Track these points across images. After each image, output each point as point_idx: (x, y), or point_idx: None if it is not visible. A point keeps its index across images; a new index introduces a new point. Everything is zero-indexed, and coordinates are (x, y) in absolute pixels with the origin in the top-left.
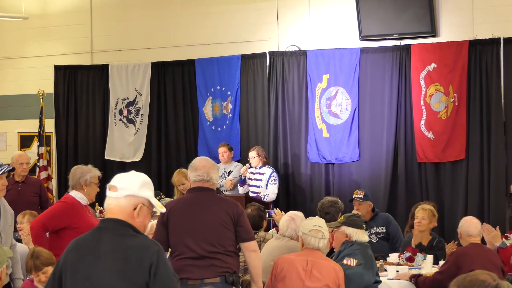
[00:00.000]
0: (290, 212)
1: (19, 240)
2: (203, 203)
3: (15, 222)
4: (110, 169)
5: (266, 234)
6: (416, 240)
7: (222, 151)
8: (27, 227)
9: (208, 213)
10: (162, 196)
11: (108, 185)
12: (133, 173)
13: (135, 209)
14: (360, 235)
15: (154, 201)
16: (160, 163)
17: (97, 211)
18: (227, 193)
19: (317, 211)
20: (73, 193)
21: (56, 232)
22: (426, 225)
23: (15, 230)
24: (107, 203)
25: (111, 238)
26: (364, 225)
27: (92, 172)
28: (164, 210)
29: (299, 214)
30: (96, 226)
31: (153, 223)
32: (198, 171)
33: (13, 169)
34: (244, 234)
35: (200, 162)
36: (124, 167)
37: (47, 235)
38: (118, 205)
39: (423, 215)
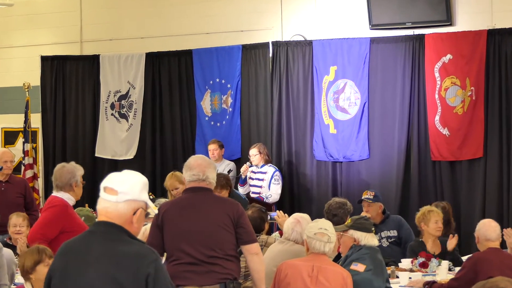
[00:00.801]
0: (296, 214)
1: (7, 245)
2: (200, 204)
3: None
4: (100, 167)
5: (268, 237)
6: (434, 246)
7: (212, 148)
8: (27, 232)
9: (206, 215)
10: (152, 197)
11: (103, 187)
12: (130, 173)
13: (134, 213)
14: (369, 239)
15: (149, 202)
16: (154, 162)
17: (94, 213)
18: None
19: (323, 213)
20: (61, 195)
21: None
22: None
23: (3, 233)
24: (103, 206)
25: (103, 243)
26: (373, 229)
27: (79, 171)
28: (156, 211)
29: (305, 216)
30: (88, 230)
31: (147, 226)
32: (193, 170)
33: (0, 168)
34: (246, 236)
35: (196, 160)
36: (116, 165)
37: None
38: (116, 209)
39: (441, 218)
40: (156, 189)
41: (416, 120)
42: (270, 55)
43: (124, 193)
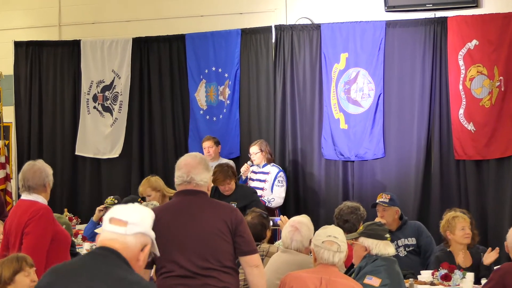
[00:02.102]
0: (292, 220)
1: None
2: (193, 209)
3: None
4: (82, 167)
5: (270, 246)
6: (465, 258)
7: (207, 146)
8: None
9: (200, 221)
10: (140, 202)
11: (108, 218)
12: (138, 206)
13: (142, 250)
14: (382, 248)
15: (155, 242)
16: (142, 161)
17: (75, 219)
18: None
19: (333, 219)
20: (35, 197)
21: None
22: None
23: None
24: (108, 238)
25: (100, 265)
26: (388, 236)
27: (51, 170)
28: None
29: (304, 220)
30: (87, 252)
31: None
32: (178, 171)
33: None
34: (245, 245)
35: (184, 159)
36: (99, 165)
37: None
38: (124, 242)
39: (468, 224)
40: None
41: (437, 114)
42: (273, 40)
43: (135, 225)
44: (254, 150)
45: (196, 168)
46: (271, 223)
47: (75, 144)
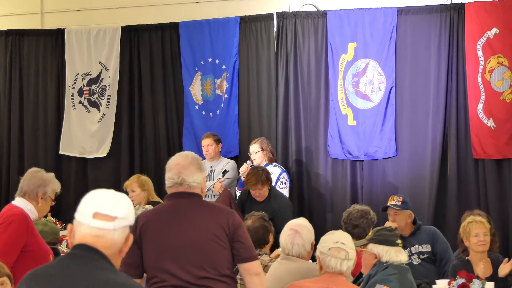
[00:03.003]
0: (291, 223)
1: None
2: (187, 212)
3: None
4: (66, 168)
5: (271, 261)
6: (484, 267)
7: (207, 144)
8: None
9: (194, 226)
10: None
11: (92, 213)
12: (114, 193)
13: (126, 241)
14: (393, 255)
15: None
16: (132, 161)
17: (59, 224)
18: None
19: (341, 223)
20: (22, 203)
21: None
22: (489, 243)
23: None
24: (93, 234)
25: (83, 268)
26: (400, 242)
27: (54, 184)
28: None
29: (303, 222)
30: (66, 253)
31: None
32: (169, 172)
33: None
34: (244, 252)
35: (175, 160)
36: (85, 165)
37: None
38: (112, 239)
39: (484, 230)
40: None
41: (454, 109)
42: (275, 29)
43: (124, 219)
44: (254, 148)
45: (187, 168)
46: (272, 228)
47: (59, 142)
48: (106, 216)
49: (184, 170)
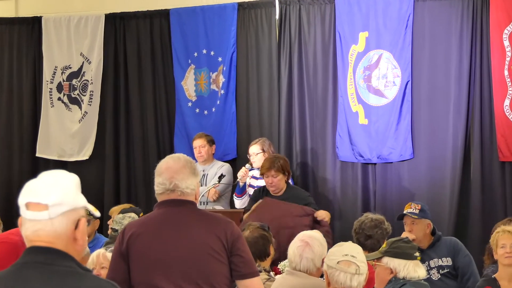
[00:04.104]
0: (302, 234)
1: None
2: (179, 223)
3: None
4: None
5: (270, 279)
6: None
7: (199, 145)
8: None
9: (188, 238)
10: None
11: (24, 203)
12: (54, 176)
13: (76, 227)
14: (411, 270)
15: (88, 205)
16: (118, 164)
17: None
18: (216, 207)
19: (352, 233)
20: None
21: None
22: None
23: None
24: (32, 229)
25: (45, 279)
26: (418, 255)
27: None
28: (98, 214)
29: (317, 235)
30: (17, 262)
31: (103, 252)
32: (159, 177)
33: None
34: (244, 267)
35: (166, 163)
36: (65, 169)
37: None
38: (53, 229)
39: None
40: (120, 201)
41: (478, 106)
42: (277, 17)
43: (58, 205)
44: (254, 150)
45: (180, 173)
46: (273, 239)
47: (36, 144)
48: (38, 205)
49: (177, 174)
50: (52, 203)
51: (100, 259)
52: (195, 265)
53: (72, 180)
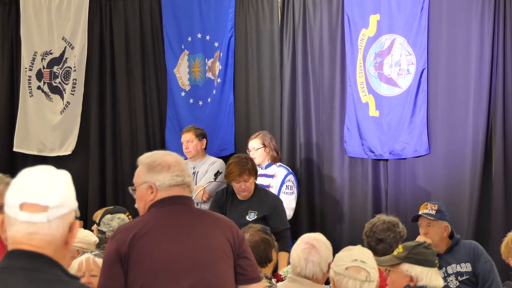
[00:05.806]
0: (306, 237)
1: None
2: (191, 222)
3: None
4: (22, 168)
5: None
6: None
7: (186, 139)
8: None
9: (202, 239)
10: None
11: (19, 204)
12: (48, 173)
13: (70, 230)
14: (433, 278)
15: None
16: (103, 160)
17: None
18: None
19: (362, 237)
20: None
21: None
22: None
23: None
24: (25, 232)
25: (27, 286)
26: (437, 261)
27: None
28: (78, 213)
29: (321, 238)
30: (2, 267)
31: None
32: (171, 169)
33: None
34: (252, 271)
35: (163, 156)
36: (46, 164)
37: None
38: (49, 233)
39: None
40: (107, 201)
41: (500, 97)
42: None
43: (58, 207)
44: (254, 145)
45: (185, 168)
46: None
47: (13, 137)
48: (36, 206)
49: (186, 170)
50: (52, 205)
51: (90, 265)
52: (208, 271)
53: (68, 179)
